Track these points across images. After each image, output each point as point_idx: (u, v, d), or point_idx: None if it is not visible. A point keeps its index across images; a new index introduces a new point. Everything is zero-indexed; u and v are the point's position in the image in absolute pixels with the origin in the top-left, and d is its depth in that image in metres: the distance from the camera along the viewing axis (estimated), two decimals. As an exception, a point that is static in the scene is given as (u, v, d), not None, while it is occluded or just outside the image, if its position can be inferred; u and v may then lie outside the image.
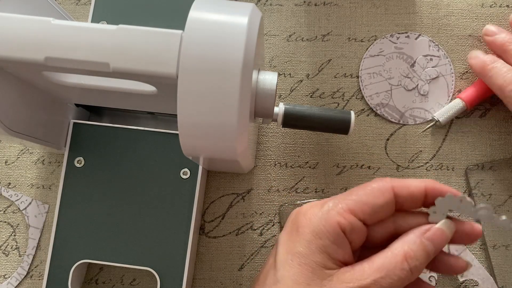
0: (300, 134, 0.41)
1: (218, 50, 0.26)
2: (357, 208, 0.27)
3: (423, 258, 0.27)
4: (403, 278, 0.26)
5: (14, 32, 0.27)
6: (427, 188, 0.28)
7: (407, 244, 0.27)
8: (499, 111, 0.41)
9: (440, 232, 0.28)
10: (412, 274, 0.26)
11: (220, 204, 0.40)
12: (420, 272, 0.27)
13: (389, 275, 0.26)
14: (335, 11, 0.44)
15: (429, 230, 0.28)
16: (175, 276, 0.35)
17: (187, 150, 0.29)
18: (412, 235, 0.28)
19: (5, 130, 0.31)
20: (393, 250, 0.27)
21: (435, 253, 0.28)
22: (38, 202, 0.41)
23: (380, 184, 0.28)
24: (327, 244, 0.27)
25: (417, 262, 0.26)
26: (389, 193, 0.28)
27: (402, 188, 0.28)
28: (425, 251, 0.27)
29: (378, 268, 0.26)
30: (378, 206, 0.28)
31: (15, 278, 0.39)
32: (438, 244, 0.27)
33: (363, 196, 0.28)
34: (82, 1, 0.45)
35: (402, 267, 0.26)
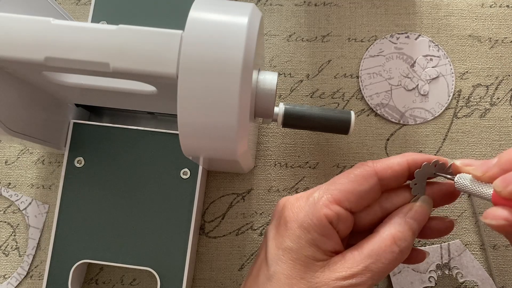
0: (300, 134, 0.41)
1: (218, 50, 0.26)
2: (343, 197, 0.28)
3: (410, 237, 0.27)
4: (394, 260, 0.27)
5: (14, 32, 0.27)
6: (409, 163, 0.29)
7: (394, 226, 0.28)
8: (499, 111, 0.41)
9: (421, 209, 0.28)
10: (402, 255, 0.27)
11: (220, 204, 0.40)
12: (409, 252, 0.28)
13: (380, 259, 0.27)
14: (335, 11, 0.44)
15: (411, 209, 0.28)
16: (175, 276, 0.35)
17: (187, 150, 0.29)
18: (396, 217, 0.28)
19: (5, 130, 0.31)
20: (381, 235, 0.28)
21: (420, 229, 0.28)
22: (38, 202, 0.41)
23: (363, 170, 0.28)
24: (315, 237, 0.27)
25: (405, 242, 0.27)
26: (373, 178, 0.28)
27: (385, 170, 0.28)
28: (411, 230, 0.28)
29: (368, 254, 0.27)
30: (363, 193, 0.28)
31: (15, 278, 0.39)
32: (421, 220, 0.28)
33: (347, 184, 0.28)
34: (82, 1, 0.45)
35: (392, 250, 0.27)
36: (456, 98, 0.42)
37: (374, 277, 0.26)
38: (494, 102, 0.41)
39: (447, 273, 0.38)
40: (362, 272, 0.26)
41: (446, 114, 0.41)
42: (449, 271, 0.38)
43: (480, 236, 0.39)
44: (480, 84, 0.42)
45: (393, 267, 0.27)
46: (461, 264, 0.38)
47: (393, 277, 0.38)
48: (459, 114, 0.41)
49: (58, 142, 0.37)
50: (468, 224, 0.39)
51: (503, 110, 0.41)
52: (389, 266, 0.27)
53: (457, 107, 0.41)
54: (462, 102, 0.41)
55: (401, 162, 0.29)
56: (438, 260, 0.38)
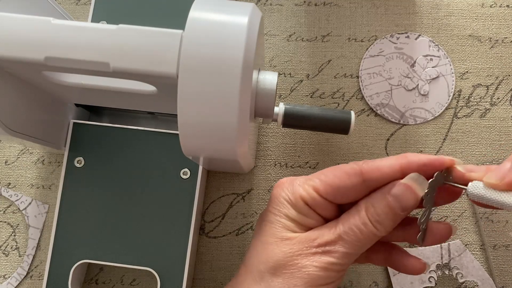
0: (300, 134, 0.41)
1: (218, 50, 0.26)
2: (322, 187, 0.28)
3: (386, 214, 0.26)
4: (367, 232, 0.27)
5: (14, 32, 0.27)
6: (403, 166, 0.27)
7: (370, 199, 0.27)
8: (499, 111, 0.41)
9: (404, 188, 0.27)
10: (377, 230, 0.27)
11: (220, 204, 0.40)
12: (387, 229, 0.27)
13: (352, 229, 0.27)
14: (335, 11, 0.44)
15: (394, 186, 0.27)
16: (175, 276, 0.35)
17: (187, 150, 0.29)
18: (378, 191, 0.27)
19: (5, 130, 0.31)
20: (357, 206, 0.28)
21: (404, 210, 0.27)
22: (38, 202, 0.41)
23: (349, 168, 0.28)
24: (293, 213, 0.28)
25: (379, 217, 0.26)
26: (356, 177, 0.28)
27: (373, 171, 0.27)
28: (389, 206, 0.27)
29: (342, 223, 0.27)
30: (343, 189, 0.28)
31: (15, 278, 0.39)
32: (404, 200, 0.26)
33: (330, 177, 0.28)
34: (82, 1, 0.45)
35: (364, 221, 0.27)
36: (456, 98, 0.42)
37: (347, 245, 0.27)
38: (494, 102, 0.41)
39: (447, 273, 0.38)
40: (336, 240, 0.27)
41: (446, 114, 0.41)
42: (449, 271, 0.38)
43: (480, 236, 0.39)
44: (480, 84, 0.42)
45: (369, 241, 0.27)
46: (461, 264, 0.38)
47: (393, 277, 0.38)
48: (459, 114, 0.41)
49: (58, 142, 0.37)
50: (468, 224, 0.39)
51: (503, 110, 0.41)
52: (363, 239, 0.27)
53: (457, 107, 0.41)
54: (462, 102, 0.41)
55: (393, 165, 0.27)
56: (438, 260, 0.38)
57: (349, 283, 0.39)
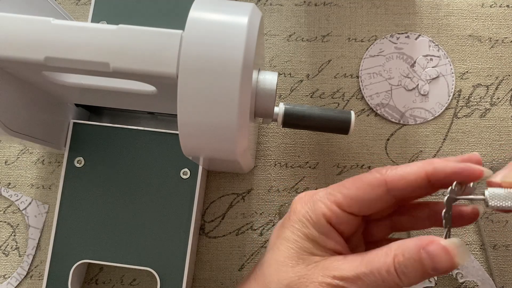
0: (300, 134, 0.41)
1: (218, 50, 0.26)
2: (345, 202, 0.27)
3: (415, 269, 0.24)
4: (388, 280, 0.24)
5: (14, 32, 0.27)
6: (428, 174, 0.25)
7: (403, 248, 0.25)
8: (499, 111, 0.41)
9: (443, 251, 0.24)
10: (400, 281, 0.24)
11: (220, 204, 0.40)
12: (412, 283, 0.24)
13: (374, 273, 0.24)
14: (335, 11, 0.44)
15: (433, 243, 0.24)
16: (175, 276, 0.35)
17: (187, 150, 0.29)
18: (413, 240, 0.25)
19: (5, 130, 0.31)
20: (387, 249, 0.25)
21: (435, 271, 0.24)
22: (38, 202, 0.41)
23: (372, 178, 0.26)
24: (313, 233, 0.27)
25: (406, 270, 0.24)
26: (381, 188, 0.26)
27: (398, 181, 0.26)
28: (420, 262, 0.24)
29: (365, 262, 0.25)
30: (367, 201, 0.26)
31: (15, 278, 0.39)
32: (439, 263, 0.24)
33: (352, 190, 0.27)
34: (82, 1, 0.45)
35: (389, 269, 0.24)
36: (456, 98, 0.42)
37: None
38: (494, 102, 0.41)
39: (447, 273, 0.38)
40: (353, 279, 0.25)
41: (446, 114, 0.41)
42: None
43: (480, 236, 0.39)
44: (480, 84, 0.42)
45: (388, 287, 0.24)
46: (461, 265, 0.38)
47: (393, 277, 0.38)
48: (459, 114, 0.41)
49: (58, 142, 0.37)
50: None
51: (503, 110, 0.41)
52: (382, 284, 0.24)
53: (457, 107, 0.41)
54: (462, 102, 0.41)
55: (418, 173, 0.26)
56: (438, 260, 0.38)
57: (349, 283, 0.39)
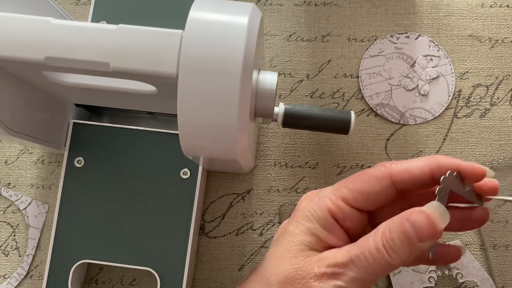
0: (300, 134, 0.41)
1: (218, 50, 0.26)
2: (350, 196, 0.27)
3: (402, 242, 0.24)
4: (379, 259, 0.24)
5: (14, 32, 0.27)
6: (432, 168, 0.26)
7: (389, 224, 0.25)
8: (499, 111, 0.41)
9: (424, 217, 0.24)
10: (390, 258, 0.24)
11: (220, 204, 0.40)
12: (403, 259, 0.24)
13: (365, 253, 0.25)
14: (335, 11, 0.44)
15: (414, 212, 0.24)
16: (175, 276, 0.35)
17: (187, 150, 0.29)
18: (398, 215, 0.25)
19: (5, 130, 0.31)
20: (376, 229, 0.25)
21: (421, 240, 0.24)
22: (38, 202, 0.41)
23: (377, 171, 0.27)
24: (317, 228, 0.27)
25: (393, 244, 0.24)
26: (385, 180, 0.26)
27: (402, 174, 0.26)
28: (405, 234, 0.24)
29: (357, 246, 0.25)
30: (373, 194, 0.27)
31: (15, 278, 0.39)
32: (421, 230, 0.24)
33: (358, 184, 0.27)
34: (82, 1, 0.45)
35: (377, 247, 0.24)
36: (456, 98, 0.42)
37: (357, 271, 0.25)
38: (494, 102, 0.41)
39: (447, 273, 0.38)
40: (346, 263, 0.25)
41: (446, 114, 0.41)
42: (449, 272, 0.38)
43: (480, 236, 0.39)
44: (480, 84, 0.42)
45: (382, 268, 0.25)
46: (461, 265, 0.38)
47: (393, 277, 0.38)
48: (459, 114, 0.41)
49: (58, 142, 0.37)
50: (468, 224, 0.39)
51: (503, 110, 0.41)
52: (374, 264, 0.24)
53: (457, 107, 0.41)
54: (462, 102, 0.41)
55: (423, 167, 0.26)
56: (438, 260, 0.38)
57: (349, 283, 0.39)
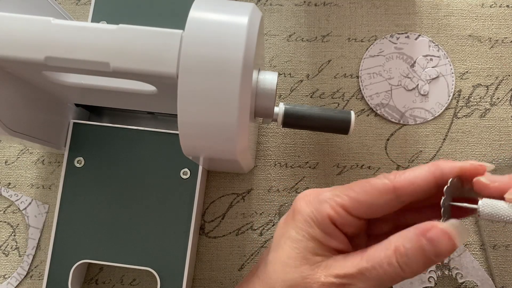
0: (300, 134, 0.41)
1: (218, 50, 0.26)
2: (351, 205, 0.26)
3: (417, 257, 0.24)
4: (391, 273, 0.24)
5: (14, 32, 0.27)
6: (437, 177, 0.25)
7: (402, 238, 0.24)
8: (499, 111, 0.41)
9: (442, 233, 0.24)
10: (403, 272, 0.24)
11: (220, 204, 0.40)
12: (416, 273, 0.24)
13: (375, 267, 0.24)
14: (335, 12, 0.44)
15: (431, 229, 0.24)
16: (175, 276, 0.35)
17: (187, 150, 0.29)
18: (411, 229, 0.25)
19: (5, 130, 0.31)
20: (387, 242, 0.25)
21: (438, 257, 0.24)
22: (38, 202, 0.41)
23: (381, 184, 0.26)
24: (318, 233, 0.26)
25: (408, 260, 0.24)
26: (389, 195, 0.26)
27: (407, 186, 0.26)
28: (421, 250, 0.24)
29: (367, 258, 0.25)
30: (375, 206, 0.26)
31: (15, 278, 0.39)
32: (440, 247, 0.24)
33: (360, 194, 0.26)
34: (82, 1, 0.45)
35: (390, 262, 0.24)
36: (456, 98, 0.42)
37: (367, 283, 0.24)
38: (494, 102, 0.41)
39: (446, 274, 0.38)
40: (355, 275, 0.25)
41: (446, 114, 0.41)
42: (449, 272, 0.38)
43: (480, 236, 0.39)
44: (480, 84, 0.42)
45: (392, 281, 0.24)
46: (461, 265, 0.38)
47: (393, 277, 0.38)
48: (459, 114, 0.41)
49: (58, 142, 0.37)
50: (468, 224, 0.39)
51: (503, 110, 0.41)
52: (386, 278, 0.24)
53: (457, 107, 0.41)
54: (462, 102, 0.41)
55: (427, 177, 0.25)
56: (438, 260, 0.38)
57: (349, 283, 0.39)
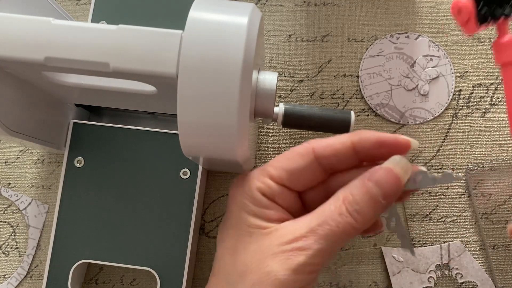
0: (300, 134, 0.41)
1: (218, 50, 0.26)
2: (275, 173, 0.27)
3: (366, 202, 0.24)
4: (343, 224, 0.24)
5: (14, 32, 0.27)
6: (354, 142, 0.26)
7: (349, 188, 0.24)
8: (499, 111, 0.41)
9: (386, 172, 0.24)
10: (355, 221, 0.24)
11: (220, 204, 0.40)
12: (368, 220, 0.24)
13: (327, 221, 0.24)
14: (335, 12, 0.44)
15: (373, 171, 0.24)
16: (175, 276, 0.35)
17: (187, 150, 0.29)
18: (355, 180, 0.25)
19: (5, 130, 0.31)
20: (334, 197, 0.25)
21: (386, 198, 0.24)
22: (38, 202, 0.41)
23: (300, 148, 0.27)
24: (253, 209, 0.26)
25: (358, 206, 0.24)
26: (309, 156, 0.26)
27: (325, 148, 0.26)
28: (369, 194, 0.24)
29: (316, 215, 0.24)
30: (297, 170, 0.26)
31: (15, 278, 0.39)
32: (386, 186, 0.24)
33: (282, 161, 0.27)
34: (82, 1, 0.45)
35: (340, 212, 0.24)
36: (456, 98, 0.42)
37: (321, 241, 0.23)
38: (494, 102, 0.41)
39: (446, 274, 0.38)
40: (307, 235, 0.24)
41: (446, 114, 0.41)
42: (449, 272, 0.38)
43: (480, 236, 0.39)
44: (480, 84, 0.42)
45: (346, 234, 0.24)
46: (460, 265, 0.38)
47: (393, 277, 0.38)
48: (459, 114, 0.41)
49: (58, 142, 0.37)
50: (468, 224, 0.39)
51: (503, 110, 0.41)
52: (339, 231, 0.24)
53: (457, 107, 0.41)
54: (462, 102, 0.41)
55: (345, 142, 0.26)
56: (437, 261, 0.38)
57: (349, 283, 0.39)
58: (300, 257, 0.23)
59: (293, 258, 0.23)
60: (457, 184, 0.40)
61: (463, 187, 0.40)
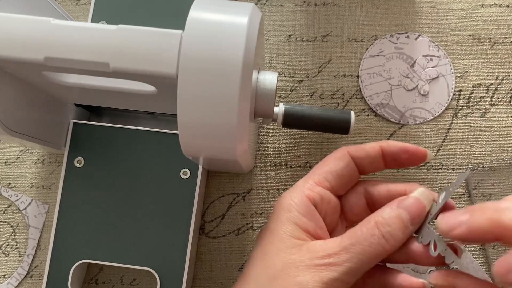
0: (300, 134, 0.41)
1: (218, 50, 0.26)
2: (322, 178, 0.29)
3: (397, 225, 0.26)
4: (376, 244, 0.25)
5: (14, 32, 0.27)
6: (382, 146, 0.30)
7: (380, 213, 0.27)
8: (499, 111, 0.41)
9: (414, 201, 0.27)
10: (386, 242, 0.26)
11: (220, 204, 0.40)
12: (397, 242, 0.26)
13: (360, 241, 0.25)
14: (335, 11, 0.44)
15: (403, 200, 0.27)
16: (175, 276, 0.35)
17: (187, 150, 0.29)
18: (386, 206, 0.27)
19: (5, 130, 0.31)
20: (365, 220, 0.27)
21: (413, 223, 0.27)
22: (38, 202, 0.41)
23: (336, 152, 0.31)
24: (296, 216, 0.28)
25: (389, 228, 0.26)
26: (346, 157, 0.30)
27: (358, 150, 0.30)
28: (399, 218, 0.26)
29: (349, 236, 0.26)
30: (339, 171, 0.30)
31: (15, 278, 0.39)
32: (414, 212, 0.27)
33: (325, 167, 0.30)
34: (82, 1, 0.45)
35: (373, 233, 0.26)
36: (456, 98, 0.42)
37: (353, 259, 0.25)
38: (494, 102, 0.41)
39: (447, 273, 0.38)
40: (340, 252, 0.25)
41: (446, 114, 0.41)
42: (449, 271, 0.38)
43: (480, 236, 0.39)
44: (480, 84, 0.42)
45: (377, 254, 0.25)
46: (460, 265, 0.38)
47: (393, 277, 0.38)
48: (459, 114, 0.41)
49: (58, 142, 0.37)
50: (468, 224, 0.39)
51: (503, 110, 0.41)
52: (370, 250, 0.25)
53: (457, 107, 0.41)
54: (462, 102, 0.41)
55: (374, 146, 0.30)
56: (438, 260, 0.38)
57: (349, 283, 0.39)
58: (333, 273, 0.25)
59: (325, 272, 0.25)
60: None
61: (463, 187, 0.40)
